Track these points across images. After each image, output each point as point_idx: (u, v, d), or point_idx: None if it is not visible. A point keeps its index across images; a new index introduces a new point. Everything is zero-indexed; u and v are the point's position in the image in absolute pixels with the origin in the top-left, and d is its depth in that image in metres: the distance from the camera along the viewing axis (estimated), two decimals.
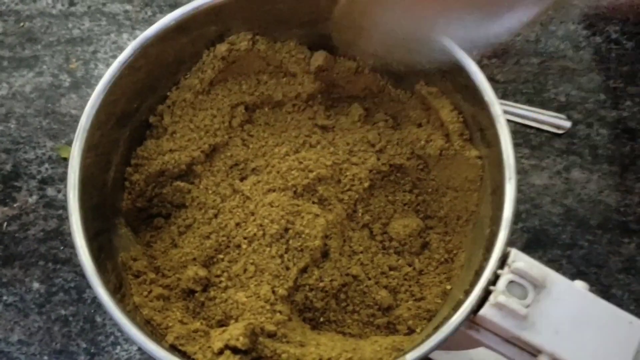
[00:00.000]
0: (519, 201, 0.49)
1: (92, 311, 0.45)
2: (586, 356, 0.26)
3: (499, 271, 0.27)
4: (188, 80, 0.35)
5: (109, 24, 0.54)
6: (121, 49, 0.53)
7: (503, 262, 0.27)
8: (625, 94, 0.51)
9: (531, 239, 0.48)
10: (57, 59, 0.53)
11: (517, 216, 0.48)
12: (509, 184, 0.28)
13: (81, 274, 0.46)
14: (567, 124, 0.50)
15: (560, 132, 0.50)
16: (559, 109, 0.51)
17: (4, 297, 0.45)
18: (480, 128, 0.32)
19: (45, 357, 0.44)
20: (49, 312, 0.45)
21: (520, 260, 0.27)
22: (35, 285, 0.46)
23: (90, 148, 0.30)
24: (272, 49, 0.35)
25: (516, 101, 0.52)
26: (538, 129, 0.51)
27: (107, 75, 0.31)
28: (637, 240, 0.47)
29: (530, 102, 0.52)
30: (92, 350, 0.44)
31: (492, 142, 0.31)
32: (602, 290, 0.46)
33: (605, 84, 0.52)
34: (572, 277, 0.27)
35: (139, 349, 0.44)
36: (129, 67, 0.32)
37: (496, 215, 0.29)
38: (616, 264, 0.46)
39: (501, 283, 0.27)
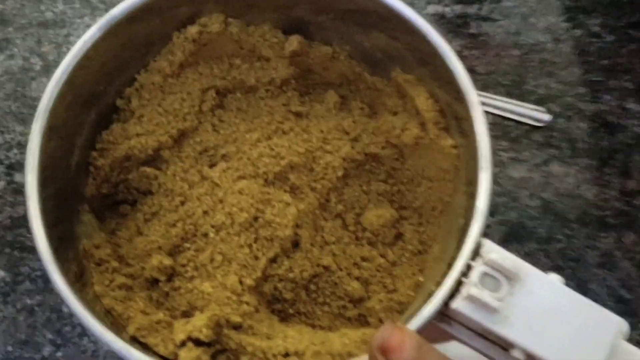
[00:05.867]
0: (496, 194, 0.48)
1: (59, 301, 0.44)
2: (560, 351, 0.25)
3: (472, 262, 0.26)
4: (157, 63, 0.33)
5: (82, 7, 0.53)
6: None
7: (476, 253, 0.27)
8: (605, 88, 0.51)
9: (508, 232, 0.47)
10: (28, 41, 0.52)
11: (494, 209, 0.48)
12: (484, 174, 0.28)
13: None
14: (546, 116, 0.50)
15: (539, 124, 0.50)
16: (539, 101, 0.51)
17: None
18: (456, 117, 0.31)
19: (10, 348, 0.43)
20: (15, 301, 0.44)
21: (494, 251, 0.26)
22: (1, 273, 0.45)
23: (52, 130, 0.29)
24: (245, 32, 0.34)
25: (496, 93, 0.51)
26: (517, 122, 0.50)
27: (71, 54, 0.30)
28: (614, 234, 0.47)
29: (509, 94, 0.51)
30: (58, 342, 0.43)
31: (468, 132, 0.30)
32: (579, 284, 0.46)
33: (584, 78, 0.52)
34: (549, 271, 0.27)
35: None
36: (95, 47, 0.30)
37: (471, 206, 0.28)
38: (593, 259, 0.46)
39: (474, 275, 0.26)
